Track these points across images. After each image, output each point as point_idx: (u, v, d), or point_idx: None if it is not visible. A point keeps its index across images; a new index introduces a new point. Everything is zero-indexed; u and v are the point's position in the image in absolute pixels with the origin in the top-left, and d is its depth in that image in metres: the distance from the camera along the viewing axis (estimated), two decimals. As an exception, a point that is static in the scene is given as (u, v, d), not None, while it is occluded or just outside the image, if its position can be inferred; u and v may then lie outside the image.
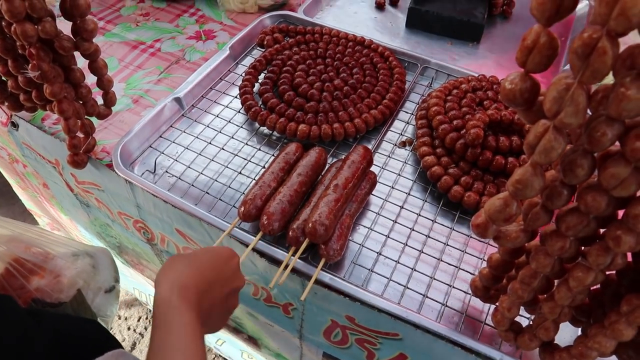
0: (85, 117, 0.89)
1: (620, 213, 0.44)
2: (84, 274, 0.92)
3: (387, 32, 1.27)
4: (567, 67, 1.13)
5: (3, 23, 0.76)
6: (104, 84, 0.90)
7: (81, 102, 0.88)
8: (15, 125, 1.04)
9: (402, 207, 0.85)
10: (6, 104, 0.95)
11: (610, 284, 0.55)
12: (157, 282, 0.53)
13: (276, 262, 0.77)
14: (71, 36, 0.80)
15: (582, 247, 0.50)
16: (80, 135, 0.89)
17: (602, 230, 0.47)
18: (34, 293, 0.87)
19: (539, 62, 0.38)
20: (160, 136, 0.96)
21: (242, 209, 0.77)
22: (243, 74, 1.04)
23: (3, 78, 0.90)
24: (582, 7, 1.28)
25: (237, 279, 0.62)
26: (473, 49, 1.25)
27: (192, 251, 0.60)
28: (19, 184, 1.48)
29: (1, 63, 0.85)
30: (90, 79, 0.87)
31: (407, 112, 1.02)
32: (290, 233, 0.74)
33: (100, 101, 0.92)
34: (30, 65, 0.77)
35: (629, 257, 0.51)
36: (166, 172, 0.90)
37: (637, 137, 0.37)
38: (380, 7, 1.34)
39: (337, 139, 0.92)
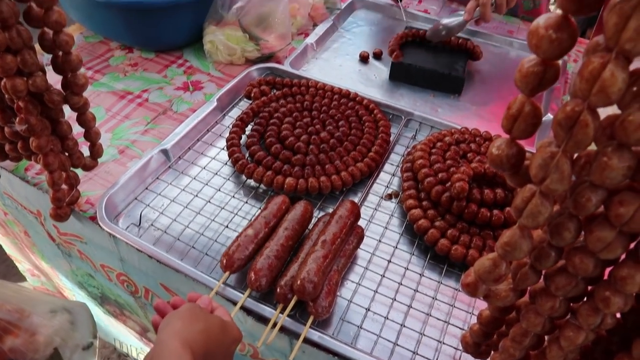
0: (70, 169, 0.89)
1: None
2: (62, 331, 0.89)
3: (371, 84, 1.31)
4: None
5: (-8, 77, 0.76)
6: (92, 136, 0.90)
7: (67, 153, 0.88)
8: (-3, 175, 1.03)
9: (389, 261, 0.85)
10: (-11, 154, 0.94)
11: (601, 341, 0.55)
12: (163, 329, 0.54)
13: (264, 319, 0.75)
14: (61, 90, 0.80)
15: (572, 304, 0.51)
16: (64, 187, 0.89)
17: (590, 287, 0.48)
18: (7, 354, 0.83)
19: (524, 129, 0.40)
20: (146, 188, 0.95)
21: (225, 260, 0.76)
22: (230, 126, 1.05)
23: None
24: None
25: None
26: (455, 100, 1.28)
27: (205, 316, 0.60)
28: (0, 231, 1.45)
29: (-13, 115, 0.85)
30: (77, 128, 0.87)
31: (392, 164, 1.04)
32: (278, 290, 0.73)
33: (86, 152, 0.92)
34: (17, 118, 0.77)
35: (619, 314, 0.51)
36: (152, 225, 0.89)
37: (620, 202, 0.38)
38: (364, 60, 1.38)
39: (324, 192, 0.92)
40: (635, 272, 0.40)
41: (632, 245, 0.42)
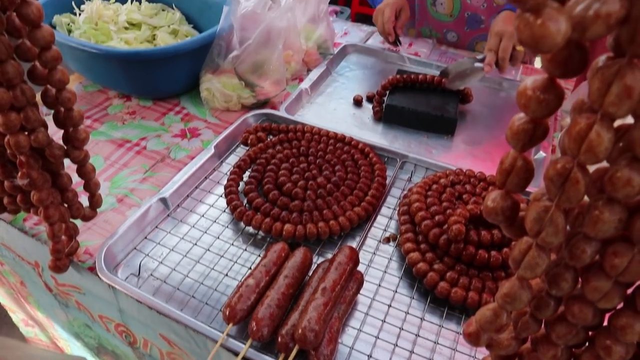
0: (70, 220, 0.90)
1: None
2: (61, 386, 0.88)
3: (366, 127, 1.33)
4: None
5: (-5, 133, 0.78)
6: (91, 187, 0.91)
7: (66, 205, 0.89)
8: (-5, 227, 1.03)
9: (390, 306, 0.85)
10: (-11, 206, 0.95)
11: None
12: None
13: (265, 369, 0.75)
14: (62, 144, 0.82)
15: (574, 349, 0.51)
16: (63, 238, 0.89)
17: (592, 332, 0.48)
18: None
19: (517, 183, 0.41)
20: (146, 237, 0.96)
21: (228, 311, 0.76)
22: (228, 173, 1.07)
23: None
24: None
25: None
26: (448, 141, 1.31)
27: None
28: (-6, 282, 1.44)
29: (-12, 169, 0.86)
30: (75, 178, 0.87)
31: (389, 207, 1.05)
32: (279, 339, 0.73)
33: (85, 201, 0.93)
34: (19, 173, 0.78)
35: None
36: (151, 275, 0.89)
37: (614, 254, 0.39)
38: (357, 103, 1.41)
39: (322, 238, 0.93)
40: (634, 321, 0.41)
41: (630, 291, 0.43)
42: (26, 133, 0.75)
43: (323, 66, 1.53)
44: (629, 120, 0.35)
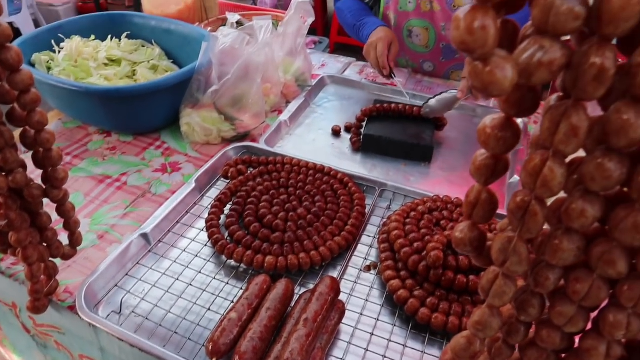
0: (49, 259, 0.89)
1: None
2: None
3: (345, 157, 1.36)
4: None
5: (-28, 175, 0.78)
6: (71, 225, 0.91)
7: (46, 244, 0.88)
8: (-29, 268, 1.02)
9: (372, 334, 0.86)
10: (-35, 248, 0.94)
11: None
12: None
13: (248, 404, 0.74)
14: (41, 184, 0.82)
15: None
16: (42, 277, 0.88)
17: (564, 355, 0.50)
18: None
19: (482, 215, 0.43)
20: (127, 274, 0.96)
21: (211, 346, 0.76)
22: (209, 207, 1.08)
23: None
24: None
25: None
26: (425, 168, 1.34)
27: None
28: (-30, 326, 1.40)
29: (-34, 210, 0.86)
30: (54, 215, 0.87)
31: (369, 236, 1.06)
32: (262, 372, 0.73)
33: (65, 240, 0.93)
34: (-3, 215, 0.78)
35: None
36: (133, 312, 0.88)
37: (576, 280, 0.41)
38: (336, 134, 1.44)
39: (303, 269, 0.94)
40: (598, 343, 0.43)
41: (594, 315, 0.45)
42: (4, 174, 0.75)
43: (302, 98, 1.56)
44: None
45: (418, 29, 1.71)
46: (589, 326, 0.45)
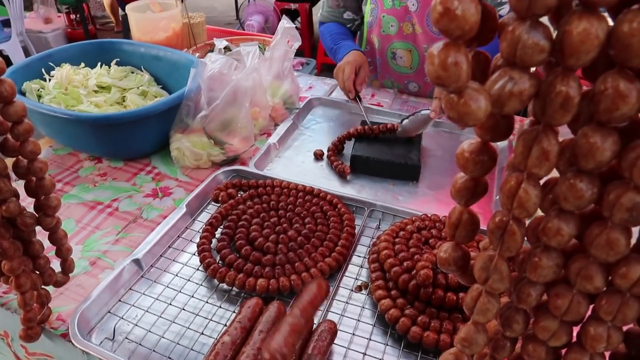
0: (42, 286, 0.89)
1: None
2: None
3: (334, 178, 1.37)
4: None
5: (-35, 205, 0.79)
6: (63, 253, 0.91)
7: (38, 272, 0.89)
8: (-37, 298, 1.01)
9: (365, 354, 0.87)
10: (-43, 278, 0.93)
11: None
12: None
13: None
14: (33, 212, 0.83)
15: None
16: (35, 305, 0.88)
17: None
18: None
19: (464, 235, 0.45)
20: (120, 300, 0.96)
21: (205, 371, 0.76)
22: (200, 231, 1.08)
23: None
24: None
25: None
26: (413, 187, 1.36)
27: None
28: (-41, 357, 1.38)
29: (-42, 240, 0.86)
30: (46, 242, 0.87)
31: (360, 256, 1.08)
32: (256, 395, 0.73)
33: (57, 268, 0.93)
34: (-11, 244, 0.78)
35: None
36: (126, 338, 0.89)
37: (556, 295, 0.42)
38: (318, 157, 1.45)
39: (295, 290, 0.95)
40: (581, 356, 0.44)
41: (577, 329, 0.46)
42: (-2, 205, 0.76)
43: (290, 120, 1.58)
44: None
45: (401, 51, 1.76)
46: (575, 340, 0.46)
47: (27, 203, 0.81)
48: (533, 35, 0.31)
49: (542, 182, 0.41)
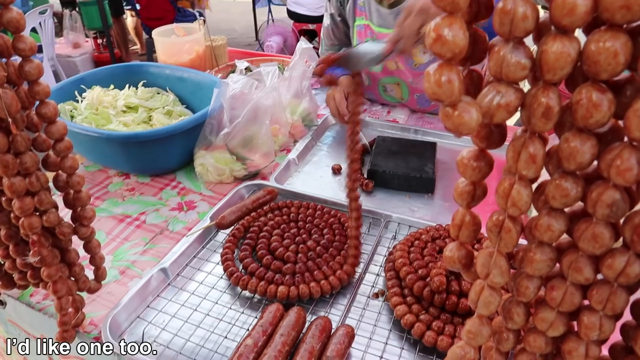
0: (76, 292, 0.95)
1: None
2: None
3: (351, 191, 1.42)
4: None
5: (11, 215, 0.85)
6: (97, 261, 0.98)
7: (73, 278, 0.95)
8: (3, 303, 1.08)
9: (381, 357, 0.90)
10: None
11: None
12: None
13: None
14: (70, 222, 0.89)
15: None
16: (70, 310, 0.94)
17: None
18: None
19: (468, 235, 0.49)
20: (148, 306, 1.01)
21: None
22: (224, 242, 1.14)
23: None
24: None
25: None
26: (429, 199, 1.40)
27: None
28: (-5, 363, 1.45)
29: (2, 247, 0.92)
30: (81, 252, 0.94)
31: (376, 265, 1.12)
32: (277, 394, 0.77)
33: (90, 275, 0.99)
34: (31, 252, 0.85)
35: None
36: (154, 341, 0.94)
37: (552, 287, 0.46)
38: (336, 172, 1.50)
39: (314, 297, 0.99)
40: (577, 345, 0.48)
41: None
42: (38, 214, 0.83)
43: (308, 137, 1.64)
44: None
45: (391, 85, 1.83)
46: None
47: (64, 214, 0.88)
48: (515, 55, 0.35)
49: (535, 185, 0.45)
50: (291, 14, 5.29)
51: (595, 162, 0.40)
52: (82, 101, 1.56)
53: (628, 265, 0.40)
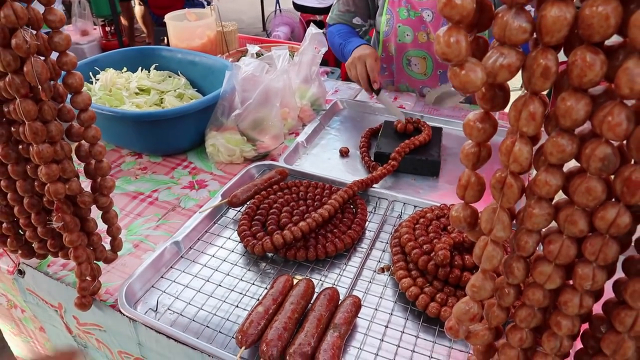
0: (94, 261, 1.00)
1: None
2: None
3: (358, 174, 1.46)
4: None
5: (36, 182, 0.89)
6: (113, 231, 1.02)
7: (91, 248, 0.99)
8: (22, 272, 1.12)
9: (386, 327, 0.94)
10: (19, 252, 1.05)
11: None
12: None
13: (276, 385, 0.83)
14: (90, 192, 0.93)
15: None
16: (88, 278, 0.99)
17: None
18: None
19: (473, 195, 0.53)
20: (162, 276, 1.06)
21: (240, 336, 0.85)
22: (237, 219, 1.18)
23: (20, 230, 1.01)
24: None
25: None
26: (434, 182, 1.43)
27: None
28: (12, 330, 1.50)
29: (25, 215, 0.97)
30: (99, 224, 0.98)
31: (383, 242, 1.16)
32: (287, 358, 0.82)
33: (107, 246, 1.03)
34: (55, 217, 0.89)
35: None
36: (168, 309, 0.98)
37: (549, 242, 0.50)
38: (343, 154, 1.54)
39: (330, 255, 1.07)
40: (572, 296, 0.51)
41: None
42: (64, 183, 0.87)
43: (317, 121, 1.68)
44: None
45: (416, 59, 1.84)
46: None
47: (84, 185, 0.92)
48: (517, 20, 0.39)
49: (536, 148, 0.49)
50: (297, 6, 5.28)
51: (590, 125, 0.43)
52: (95, 82, 1.60)
53: (618, 216, 0.43)
